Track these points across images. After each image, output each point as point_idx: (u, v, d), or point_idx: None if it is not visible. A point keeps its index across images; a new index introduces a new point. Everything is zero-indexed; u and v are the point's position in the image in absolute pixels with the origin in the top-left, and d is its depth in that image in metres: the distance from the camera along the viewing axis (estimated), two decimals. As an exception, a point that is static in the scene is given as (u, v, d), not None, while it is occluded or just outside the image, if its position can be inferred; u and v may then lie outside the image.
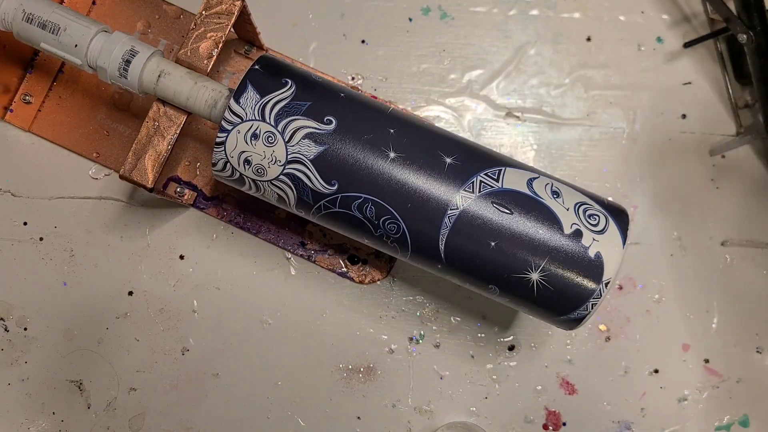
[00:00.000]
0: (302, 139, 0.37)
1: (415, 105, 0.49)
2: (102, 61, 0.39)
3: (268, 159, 0.37)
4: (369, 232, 0.38)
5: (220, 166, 0.38)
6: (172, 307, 0.47)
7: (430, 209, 0.37)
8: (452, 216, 0.36)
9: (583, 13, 0.50)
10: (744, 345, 0.48)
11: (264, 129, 0.37)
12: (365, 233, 0.38)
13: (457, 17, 0.50)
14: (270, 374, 0.46)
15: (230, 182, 0.39)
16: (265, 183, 0.38)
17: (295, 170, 0.37)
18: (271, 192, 0.38)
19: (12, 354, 0.46)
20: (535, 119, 0.49)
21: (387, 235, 0.38)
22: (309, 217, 0.39)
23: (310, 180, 0.37)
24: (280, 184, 0.38)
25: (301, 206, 0.39)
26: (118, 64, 0.39)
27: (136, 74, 0.39)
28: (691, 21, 0.50)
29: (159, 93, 0.39)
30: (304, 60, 0.49)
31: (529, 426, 0.47)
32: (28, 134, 0.48)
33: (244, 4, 0.41)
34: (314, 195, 0.37)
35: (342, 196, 0.37)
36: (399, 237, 0.37)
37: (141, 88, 0.40)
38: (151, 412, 0.46)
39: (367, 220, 0.37)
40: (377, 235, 0.38)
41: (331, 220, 0.39)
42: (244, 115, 0.37)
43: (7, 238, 0.47)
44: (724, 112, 0.49)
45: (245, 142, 0.37)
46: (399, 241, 0.38)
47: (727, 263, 0.48)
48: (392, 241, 0.38)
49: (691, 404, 0.47)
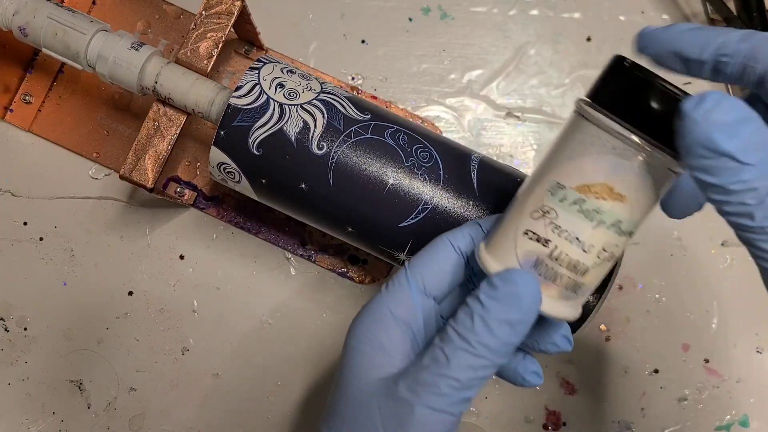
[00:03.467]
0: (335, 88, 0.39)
1: (415, 105, 0.49)
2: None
3: (303, 86, 0.38)
4: (400, 160, 0.37)
5: (246, 90, 0.37)
6: (172, 307, 0.47)
7: (460, 149, 0.39)
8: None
9: (583, 13, 0.50)
10: (744, 345, 0.48)
11: (300, 72, 0.39)
12: (395, 163, 0.37)
13: (457, 17, 0.50)
14: (270, 374, 0.46)
15: (244, 117, 0.37)
16: (293, 107, 0.37)
17: (329, 98, 0.38)
18: (296, 118, 0.37)
19: (12, 354, 0.46)
20: (535, 119, 0.49)
21: (418, 164, 0.37)
22: (332, 148, 0.37)
23: (344, 107, 0.38)
24: (311, 108, 0.37)
25: (327, 134, 0.37)
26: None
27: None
28: (691, 21, 0.50)
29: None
30: (304, 60, 0.49)
31: (529, 426, 0.47)
32: (28, 134, 0.48)
33: (244, 4, 0.41)
34: (346, 120, 0.37)
35: (375, 124, 0.38)
36: (431, 165, 0.37)
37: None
38: (151, 412, 0.46)
39: (400, 147, 0.37)
40: (408, 165, 0.37)
41: (360, 149, 0.37)
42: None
43: (7, 238, 0.47)
44: (724, 112, 0.49)
45: (281, 72, 0.38)
46: (431, 169, 0.37)
47: (727, 263, 0.48)
48: (423, 171, 0.37)
49: (691, 404, 0.47)
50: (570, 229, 0.27)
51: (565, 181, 0.28)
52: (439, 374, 0.27)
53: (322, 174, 0.37)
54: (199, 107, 0.39)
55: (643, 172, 0.27)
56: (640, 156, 0.26)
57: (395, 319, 0.30)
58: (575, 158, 0.27)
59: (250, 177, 0.38)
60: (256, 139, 0.37)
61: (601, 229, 0.27)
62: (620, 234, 0.28)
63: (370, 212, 0.37)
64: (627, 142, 0.26)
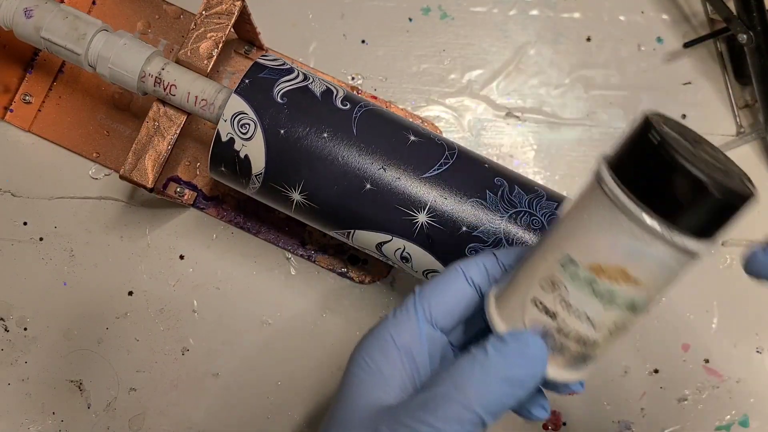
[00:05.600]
0: None
1: (415, 105, 0.49)
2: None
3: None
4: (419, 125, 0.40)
5: (272, 57, 0.39)
6: (172, 307, 0.47)
7: None
8: None
9: (583, 13, 0.50)
10: (744, 345, 0.48)
11: None
12: (416, 125, 0.40)
13: (457, 17, 0.50)
14: (270, 374, 0.46)
15: (270, 72, 0.38)
16: (316, 77, 0.39)
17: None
18: (320, 84, 0.39)
19: (12, 354, 0.46)
20: (535, 119, 0.49)
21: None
22: (355, 106, 0.39)
23: None
24: (331, 83, 0.39)
25: (350, 98, 0.39)
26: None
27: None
28: (691, 21, 0.50)
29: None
30: (304, 60, 0.49)
31: (529, 426, 0.47)
32: (28, 134, 0.48)
33: (244, 4, 0.41)
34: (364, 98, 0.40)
35: None
36: None
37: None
38: (151, 412, 0.46)
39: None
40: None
41: (383, 111, 0.39)
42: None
43: (7, 238, 0.47)
44: (724, 112, 0.49)
45: None
46: None
47: (727, 263, 0.48)
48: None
49: (691, 404, 0.47)
50: (580, 307, 0.26)
51: (577, 256, 0.26)
52: (422, 421, 0.26)
53: (346, 124, 0.37)
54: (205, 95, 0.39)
55: (663, 259, 0.25)
56: (659, 243, 0.24)
57: (397, 348, 0.28)
58: (590, 234, 0.25)
59: (268, 128, 0.37)
60: (281, 90, 0.37)
61: (613, 310, 0.26)
62: (634, 313, 0.26)
63: (393, 161, 0.37)
64: (646, 229, 0.24)
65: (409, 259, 0.38)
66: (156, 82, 0.39)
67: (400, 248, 0.38)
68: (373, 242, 0.38)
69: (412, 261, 0.38)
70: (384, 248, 0.38)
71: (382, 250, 0.39)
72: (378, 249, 0.39)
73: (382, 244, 0.38)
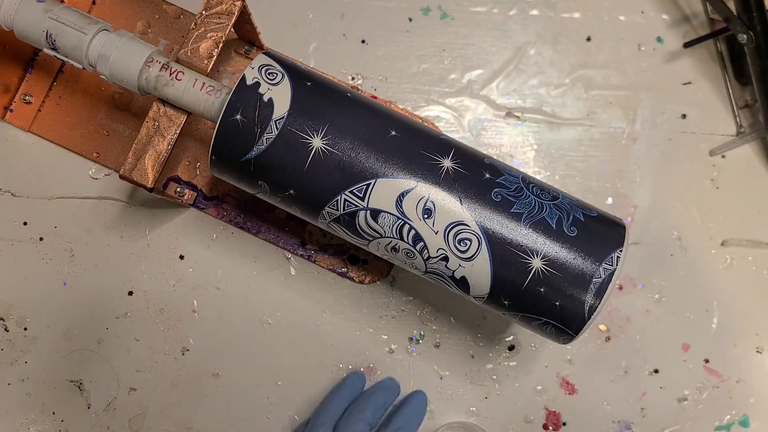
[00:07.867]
0: None
1: (415, 105, 0.49)
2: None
3: None
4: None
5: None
6: (172, 307, 0.47)
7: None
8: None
9: (583, 13, 0.50)
10: (744, 345, 0.48)
11: None
12: None
13: (457, 17, 0.50)
14: (270, 374, 0.46)
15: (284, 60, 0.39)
16: None
17: None
18: None
19: (12, 354, 0.46)
20: (535, 119, 0.49)
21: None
22: None
23: None
24: None
25: None
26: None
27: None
28: (691, 21, 0.50)
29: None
30: (304, 60, 0.49)
31: (529, 426, 0.47)
32: (28, 134, 0.48)
33: (244, 4, 0.41)
34: None
35: None
36: None
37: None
38: (151, 412, 0.46)
39: None
40: None
41: None
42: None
43: (7, 238, 0.47)
44: (724, 112, 0.49)
45: None
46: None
47: (727, 263, 0.48)
48: None
49: (691, 404, 0.47)
50: None
51: None
52: None
53: None
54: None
55: None
56: None
57: None
58: None
59: (296, 78, 0.37)
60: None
61: None
62: None
63: None
64: None
65: (432, 212, 0.36)
66: (163, 67, 0.38)
67: (424, 197, 0.36)
68: (395, 193, 0.36)
69: (435, 213, 0.36)
70: (405, 201, 0.36)
71: (403, 204, 0.37)
72: (398, 204, 0.37)
73: (404, 195, 0.36)
